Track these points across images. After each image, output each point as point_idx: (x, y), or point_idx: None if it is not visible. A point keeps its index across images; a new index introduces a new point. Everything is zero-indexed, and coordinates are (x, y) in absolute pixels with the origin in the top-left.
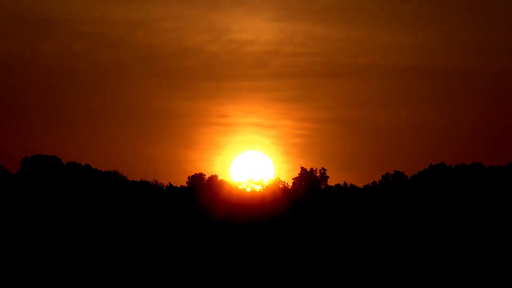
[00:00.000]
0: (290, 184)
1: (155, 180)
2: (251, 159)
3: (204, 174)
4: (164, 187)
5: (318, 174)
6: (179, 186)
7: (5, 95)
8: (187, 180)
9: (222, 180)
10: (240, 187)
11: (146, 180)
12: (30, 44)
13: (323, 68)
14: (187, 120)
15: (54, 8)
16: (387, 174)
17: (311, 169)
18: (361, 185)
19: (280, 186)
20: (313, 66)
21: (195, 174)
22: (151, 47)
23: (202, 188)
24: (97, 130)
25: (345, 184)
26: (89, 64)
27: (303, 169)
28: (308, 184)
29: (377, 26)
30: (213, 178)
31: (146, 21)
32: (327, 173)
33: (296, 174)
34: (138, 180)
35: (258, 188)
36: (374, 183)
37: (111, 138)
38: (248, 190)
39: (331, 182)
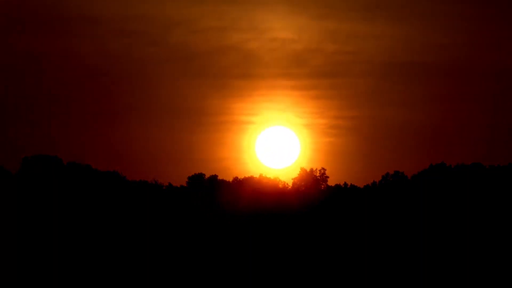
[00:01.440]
0: (290, 184)
1: (155, 180)
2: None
3: (204, 174)
4: (164, 187)
5: (318, 174)
6: (179, 186)
7: (17, 95)
8: (187, 180)
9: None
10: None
11: (146, 180)
12: (65, 42)
13: (363, 66)
14: (218, 119)
15: (89, 6)
16: (387, 174)
17: (311, 169)
18: (361, 185)
19: (280, 186)
20: (353, 64)
21: (195, 174)
22: (188, 46)
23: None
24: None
25: (345, 184)
26: (124, 63)
27: (303, 169)
28: (308, 184)
29: (425, 24)
30: (213, 178)
31: (184, 19)
32: (327, 173)
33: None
34: (138, 180)
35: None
36: (374, 183)
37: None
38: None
39: (331, 182)
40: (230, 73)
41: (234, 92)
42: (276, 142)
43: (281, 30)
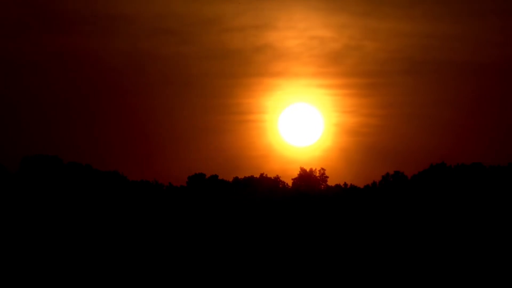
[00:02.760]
0: (290, 184)
1: (155, 180)
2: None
3: (204, 174)
4: (164, 187)
5: (317, 174)
6: (179, 186)
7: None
8: (187, 180)
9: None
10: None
11: (146, 180)
12: (96, 41)
13: (401, 65)
14: (247, 117)
15: (122, 5)
16: (387, 174)
17: (310, 169)
18: (361, 185)
19: (280, 186)
20: (392, 63)
21: (195, 174)
22: (223, 44)
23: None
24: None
25: (345, 184)
26: (155, 62)
27: (302, 169)
28: (308, 184)
29: (465, 23)
30: (213, 178)
31: (219, 17)
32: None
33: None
34: (138, 180)
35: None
36: (374, 183)
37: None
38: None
39: (331, 182)
40: (264, 72)
41: (268, 90)
42: (299, 119)
43: (321, 28)
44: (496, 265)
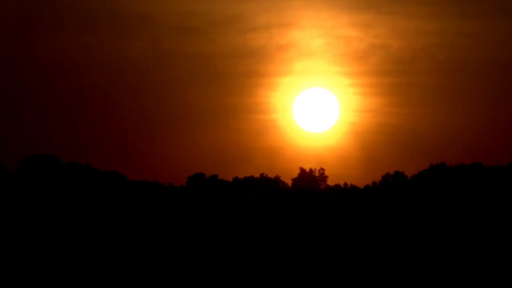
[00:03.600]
0: (290, 184)
1: (155, 180)
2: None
3: (204, 174)
4: (164, 187)
5: (317, 175)
6: (179, 186)
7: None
8: (187, 180)
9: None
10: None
11: (147, 180)
12: (117, 41)
13: (425, 64)
14: (271, 116)
15: (143, 3)
16: (387, 174)
17: (310, 169)
18: (361, 185)
19: (280, 186)
20: (416, 62)
21: (195, 174)
22: (245, 43)
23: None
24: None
25: (345, 184)
26: (177, 61)
27: (302, 169)
28: (308, 184)
29: (494, 22)
30: (213, 178)
31: (242, 15)
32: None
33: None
34: (138, 180)
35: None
36: (374, 183)
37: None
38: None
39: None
40: (287, 71)
41: (289, 90)
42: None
43: (346, 27)
44: (496, 265)
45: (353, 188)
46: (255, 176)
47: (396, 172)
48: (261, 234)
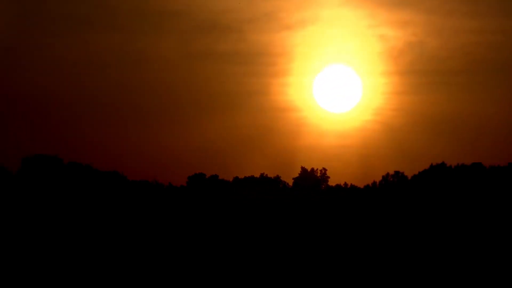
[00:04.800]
0: (290, 184)
1: (155, 180)
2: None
3: (205, 174)
4: (164, 187)
5: (318, 174)
6: (179, 186)
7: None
8: (187, 180)
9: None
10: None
11: (147, 180)
12: (147, 39)
13: (459, 64)
14: (300, 114)
15: (173, 1)
16: (387, 174)
17: (312, 169)
18: (361, 185)
19: (280, 186)
20: (451, 61)
21: (196, 174)
22: (276, 41)
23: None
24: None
25: (345, 184)
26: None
27: (303, 169)
28: (309, 184)
29: None
30: (213, 178)
31: (274, 12)
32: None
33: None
34: (138, 180)
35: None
36: (374, 183)
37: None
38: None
39: (332, 182)
40: (320, 69)
41: (323, 90)
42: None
43: (383, 25)
44: (496, 265)
45: (353, 188)
46: (255, 176)
47: (396, 172)
48: (261, 234)
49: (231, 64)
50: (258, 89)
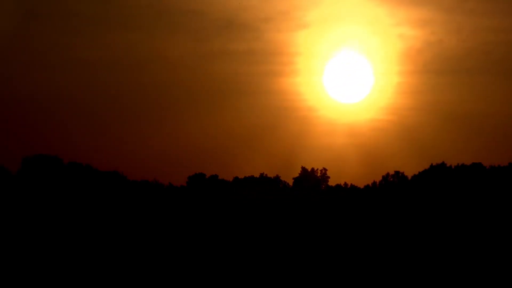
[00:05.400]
0: (290, 184)
1: (155, 180)
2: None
3: (205, 174)
4: (164, 187)
5: (319, 174)
6: (179, 186)
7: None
8: (187, 180)
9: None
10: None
11: (147, 179)
12: (162, 38)
13: (477, 63)
14: (313, 114)
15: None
16: (387, 174)
17: (312, 169)
18: (361, 185)
19: (280, 186)
20: (469, 60)
21: (196, 173)
22: (293, 40)
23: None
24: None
25: (345, 184)
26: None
27: (303, 169)
28: (309, 184)
29: None
30: (213, 178)
31: (290, 11)
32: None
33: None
34: (138, 180)
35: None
36: (374, 183)
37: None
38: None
39: (332, 182)
40: (337, 69)
41: (342, 91)
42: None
43: (403, 24)
44: (496, 265)
45: (353, 188)
46: (255, 176)
47: (396, 172)
48: (261, 235)
49: (246, 63)
50: (272, 88)
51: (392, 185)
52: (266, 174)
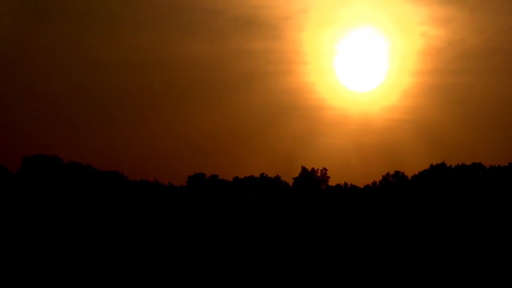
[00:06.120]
0: (290, 183)
1: (155, 180)
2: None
3: (205, 174)
4: (164, 187)
5: (319, 174)
6: (179, 186)
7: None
8: (187, 180)
9: None
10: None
11: (147, 180)
12: (179, 38)
13: (497, 63)
14: (332, 113)
15: None
16: (387, 174)
17: (312, 169)
18: (361, 185)
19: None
20: (490, 60)
21: (196, 173)
22: (308, 39)
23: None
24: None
25: (345, 184)
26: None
27: (304, 168)
28: (309, 184)
29: None
30: (213, 178)
31: (310, 9)
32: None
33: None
34: (138, 180)
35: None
36: (374, 183)
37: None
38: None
39: (332, 182)
40: (357, 68)
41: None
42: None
43: (427, 23)
44: (496, 265)
45: (353, 188)
46: (255, 176)
47: (396, 172)
48: (262, 234)
49: (265, 62)
50: (293, 87)
51: (392, 185)
52: (266, 174)
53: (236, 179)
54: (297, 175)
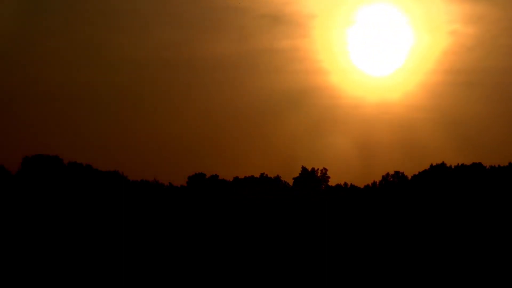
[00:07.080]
0: (291, 183)
1: (155, 180)
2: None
3: (205, 174)
4: (164, 187)
5: (319, 174)
6: (179, 186)
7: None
8: (187, 180)
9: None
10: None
11: (147, 179)
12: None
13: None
14: (348, 110)
15: None
16: (387, 174)
17: (312, 169)
18: (361, 185)
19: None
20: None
21: (196, 173)
22: (335, 37)
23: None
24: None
25: (345, 184)
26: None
27: (304, 168)
28: (309, 184)
29: None
30: (213, 178)
31: (337, 7)
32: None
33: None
34: (139, 180)
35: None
36: (374, 183)
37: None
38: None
39: (332, 182)
40: (385, 69)
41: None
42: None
43: (458, 22)
44: (496, 265)
45: (353, 188)
46: (255, 176)
47: (396, 172)
48: (262, 234)
49: (289, 61)
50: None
51: (392, 185)
52: (266, 174)
53: (236, 179)
54: (297, 175)
